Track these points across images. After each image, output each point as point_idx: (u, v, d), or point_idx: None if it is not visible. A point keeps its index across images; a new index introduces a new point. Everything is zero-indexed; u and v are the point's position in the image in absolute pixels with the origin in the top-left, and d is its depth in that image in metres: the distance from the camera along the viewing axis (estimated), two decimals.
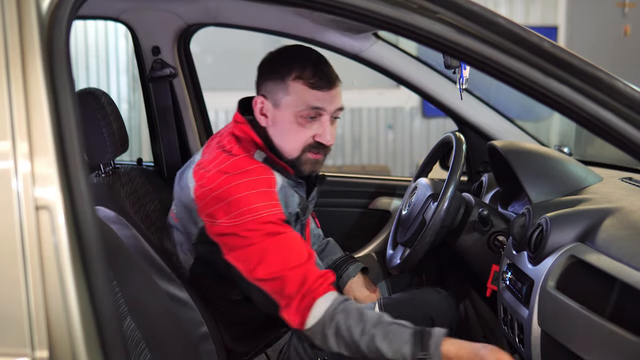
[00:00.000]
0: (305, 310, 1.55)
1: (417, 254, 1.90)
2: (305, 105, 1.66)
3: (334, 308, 1.55)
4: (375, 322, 1.52)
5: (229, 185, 1.63)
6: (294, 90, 1.67)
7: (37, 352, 0.96)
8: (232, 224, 1.60)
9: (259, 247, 1.59)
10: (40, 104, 0.98)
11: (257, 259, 1.59)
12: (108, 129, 1.84)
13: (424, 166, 2.29)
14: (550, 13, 6.46)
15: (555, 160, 1.83)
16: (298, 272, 1.57)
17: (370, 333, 1.51)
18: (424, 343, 1.47)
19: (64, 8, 1.02)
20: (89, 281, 0.98)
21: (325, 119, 1.69)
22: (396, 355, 1.48)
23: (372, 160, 6.47)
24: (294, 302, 1.56)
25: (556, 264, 1.43)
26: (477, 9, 1.12)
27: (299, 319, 1.56)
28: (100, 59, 5.88)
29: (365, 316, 1.54)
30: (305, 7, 1.45)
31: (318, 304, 1.55)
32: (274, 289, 1.58)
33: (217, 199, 1.63)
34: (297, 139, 1.69)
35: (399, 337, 1.49)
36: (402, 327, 1.51)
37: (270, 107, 1.71)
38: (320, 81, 1.67)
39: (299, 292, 1.56)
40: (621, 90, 1.11)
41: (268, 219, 1.60)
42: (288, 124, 1.69)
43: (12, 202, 0.97)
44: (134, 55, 2.44)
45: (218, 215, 1.62)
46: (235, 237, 1.61)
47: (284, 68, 1.68)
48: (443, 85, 2.36)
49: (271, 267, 1.58)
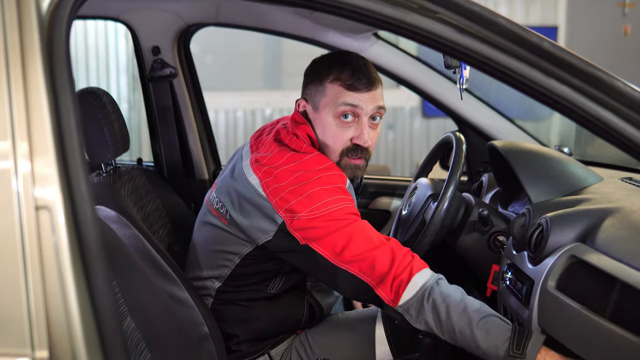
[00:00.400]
0: (401, 285, 1.55)
1: (417, 254, 1.90)
2: (342, 103, 1.68)
3: (431, 284, 1.55)
4: (476, 309, 1.51)
5: (308, 181, 1.64)
6: (331, 92, 1.69)
7: (37, 352, 0.96)
8: (314, 216, 1.61)
9: (343, 231, 1.59)
10: (40, 103, 0.98)
11: (343, 242, 1.59)
12: (109, 129, 1.84)
13: (424, 166, 2.29)
14: (550, 13, 6.47)
15: (556, 160, 1.83)
16: (385, 249, 1.58)
17: (469, 318, 1.50)
18: (523, 343, 1.44)
19: (64, 8, 1.02)
20: (89, 281, 0.98)
21: (363, 121, 1.70)
22: (489, 348, 1.47)
23: (372, 160, 6.47)
24: (388, 278, 1.56)
25: (556, 264, 1.43)
26: (477, 9, 1.12)
27: (393, 294, 1.56)
28: (100, 59, 5.88)
29: (467, 300, 1.53)
30: (305, 7, 1.46)
31: (416, 278, 1.55)
32: (365, 268, 1.58)
33: (295, 194, 1.63)
34: (336, 142, 1.71)
35: (499, 330, 1.48)
36: (504, 322, 1.50)
37: (310, 110, 1.74)
38: (358, 82, 1.68)
39: (391, 267, 1.56)
40: (621, 90, 1.12)
41: (347, 210, 1.62)
42: (327, 126, 1.71)
43: (12, 202, 0.97)
44: (134, 55, 2.44)
45: (298, 209, 1.62)
46: (318, 228, 1.61)
47: (324, 71, 1.71)
48: (443, 85, 2.36)
49: (360, 248, 1.58)
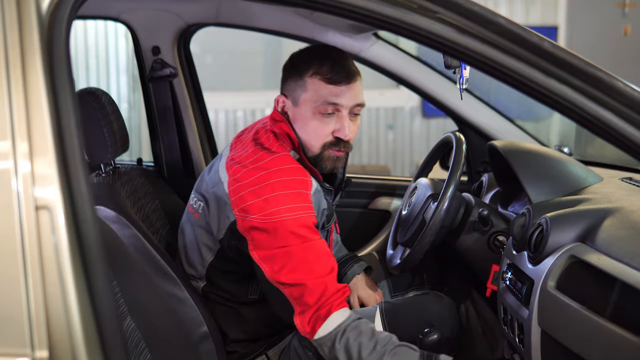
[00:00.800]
0: (318, 320, 1.58)
1: (417, 254, 1.90)
2: (322, 100, 1.67)
3: (347, 324, 1.58)
4: (385, 342, 1.55)
5: (267, 182, 1.64)
6: (311, 87, 1.68)
7: (37, 352, 0.96)
8: (266, 221, 1.61)
9: (287, 250, 1.60)
10: (40, 103, 0.98)
11: (283, 262, 1.60)
12: (109, 129, 1.84)
13: (424, 166, 2.29)
14: (550, 13, 6.46)
15: (556, 160, 1.83)
16: (320, 282, 1.59)
17: (379, 353, 1.53)
18: None
19: (63, 8, 1.02)
20: (89, 281, 0.98)
21: (344, 114, 1.69)
22: None
23: (372, 160, 6.47)
24: (309, 311, 1.58)
25: (556, 264, 1.43)
26: (477, 9, 1.12)
27: (310, 327, 1.58)
28: (100, 59, 5.88)
29: (377, 335, 1.56)
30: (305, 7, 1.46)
31: (333, 317, 1.58)
32: (294, 294, 1.60)
33: (254, 194, 1.63)
34: (317, 136, 1.70)
35: (408, 357, 1.53)
36: (411, 350, 1.54)
37: (290, 105, 1.73)
38: (337, 75, 1.67)
39: (317, 302, 1.58)
40: (621, 90, 1.11)
41: (301, 222, 1.61)
42: (307, 120, 1.70)
43: (12, 202, 0.96)
44: (134, 55, 2.44)
45: (252, 211, 1.62)
46: (266, 234, 1.61)
47: (303, 65, 1.70)
48: (443, 85, 2.36)
49: (295, 274, 1.59)
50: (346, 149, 1.74)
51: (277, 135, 1.73)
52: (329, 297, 1.58)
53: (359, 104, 1.71)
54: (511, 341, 1.64)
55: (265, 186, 1.63)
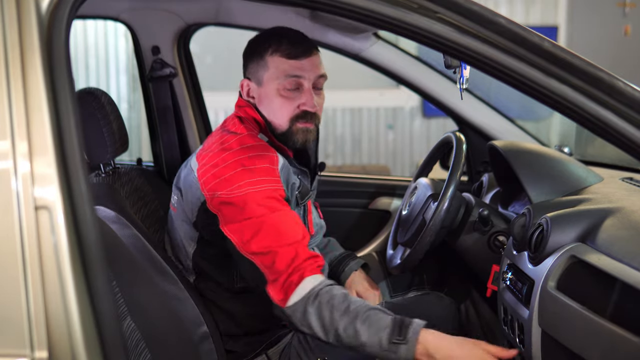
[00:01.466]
0: (291, 286, 1.57)
1: (418, 254, 1.90)
2: (285, 75, 1.72)
3: (320, 288, 1.57)
4: (358, 306, 1.54)
5: (232, 160, 1.67)
6: (273, 64, 1.73)
7: (37, 353, 0.96)
8: (232, 195, 1.64)
9: (255, 220, 1.62)
10: (40, 103, 0.98)
11: (252, 232, 1.61)
12: (108, 129, 1.84)
13: (424, 166, 2.28)
14: (551, 13, 6.46)
15: (556, 160, 1.83)
16: (290, 249, 1.59)
17: (351, 315, 1.52)
18: (403, 329, 1.49)
19: (63, 8, 1.02)
20: (88, 281, 0.97)
21: (307, 87, 1.73)
22: (372, 339, 1.49)
23: (372, 160, 6.47)
24: (281, 278, 1.58)
25: (557, 264, 1.43)
26: (477, 9, 1.12)
27: (283, 294, 1.58)
28: (100, 59, 5.88)
29: (350, 298, 1.55)
30: (305, 7, 1.46)
31: (305, 282, 1.57)
32: (265, 263, 1.60)
33: (220, 173, 1.67)
34: (284, 112, 1.74)
35: (379, 321, 1.51)
36: (384, 313, 1.53)
37: (255, 87, 1.77)
38: (296, 50, 1.72)
39: (288, 268, 1.58)
40: (622, 90, 1.11)
41: (268, 194, 1.64)
42: (272, 98, 1.74)
43: (12, 202, 0.96)
44: (134, 55, 2.44)
45: (219, 188, 1.66)
46: (233, 207, 1.63)
47: (262, 46, 1.75)
48: (443, 85, 2.35)
49: (265, 242, 1.60)
50: (314, 121, 1.76)
51: (243, 119, 1.78)
52: (300, 262, 1.58)
53: (321, 75, 1.75)
54: (511, 341, 1.64)
55: (230, 164, 1.67)
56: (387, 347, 1.48)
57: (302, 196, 1.79)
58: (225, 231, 1.65)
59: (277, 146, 1.75)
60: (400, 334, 1.48)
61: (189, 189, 1.75)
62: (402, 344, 1.47)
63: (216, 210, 1.67)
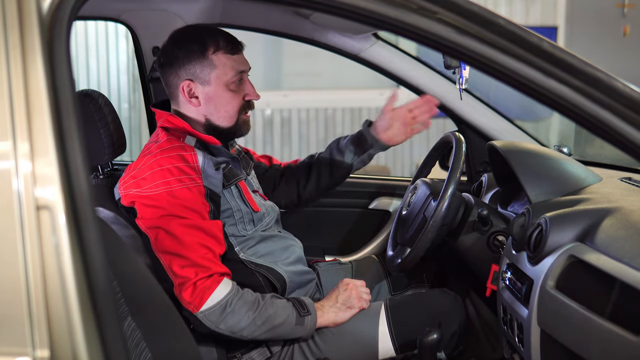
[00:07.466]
0: (205, 291, 1.65)
1: (419, 252, 1.90)
2: (234, 71, 1.81)
3: (233, 292, 1.68)
4: (262, 297, 1.72)
5: (151, 162, 1.74)
6: (219, 62, 1.80)
7: (38, 352, 0.96)
8: (146, 194, 1.71)
9: (165, 220, 1.68)
10: (41, 104, 0.98)
11: (163, 231, 1.68)
12: (105, 131, 1.84)
13: (424, 166, 2.29)
14: (550, 13, 6.46)
15: (555, 160, 1.83)
16: (198, 253, 1.67)
17: (261, 307, 1.70)
18: (302, 304, 1.76)
19: (64, 8, 1.02)
20: (89, 281, 0.98)
21: (246, 78, 1.86)
22: (285, 320, 1.72)
23: (372, 160, 6.46)
24: (189, 283, 1.66)
25: (556, 263, 1.43)
26: (477, 9, 1.12)
27: (197, 299, 1.65)
28: (101, 59, 5.88)
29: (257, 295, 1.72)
30: (305, 7, 1.46)
31: (220, 288, 1.67)
32: (173, 265, 1.67)
33: (135, 176, 1.74)
34: (233, 105, 1.83)
35: (284, 304, 1.74)
36: (282, 299, 1.76)
37: (200, 87, 1.82)
38: (234, 45, 1.83)
39: (197, 274, 1.66)
40: (620, 90, 1.12)
41: (181, 194, 1.70)
42: (222, 94, 1.82)
43: (13, 202, 0.97)
44: (134, 55, 2.44)
45: (133, 187, 1.73)
46: (146, 206, 1.71)
47: (198, 46, 1.80)
48: (443, 85, 2.36)
49: (172, 242, 1.67)
50: (250, 109, 1.89)
51: (167, 128, 1.83)
52: (209, 267, 1.67)
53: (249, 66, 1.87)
54: (511, 341, 1.65)
55: (144, 167, 1.74)
56: (297, 320, 1.73)
57: (228, 179, 1.83)
58: (140, 225, 1.72)
59: (206, 143, 1.81)
60: (304, 308, 1.75)
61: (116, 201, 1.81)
62: (308, 316, 1.74)
63: (129, 203, 1.73)
